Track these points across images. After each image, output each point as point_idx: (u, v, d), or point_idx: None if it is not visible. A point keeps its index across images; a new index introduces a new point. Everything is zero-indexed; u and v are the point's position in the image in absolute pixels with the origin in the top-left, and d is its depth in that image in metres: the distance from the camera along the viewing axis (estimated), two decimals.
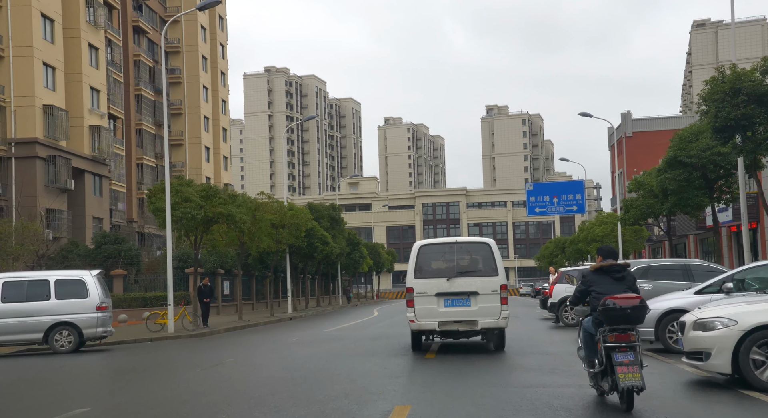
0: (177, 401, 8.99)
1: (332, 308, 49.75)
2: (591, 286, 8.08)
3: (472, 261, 13.87)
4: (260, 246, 31.67)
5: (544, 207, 54.47)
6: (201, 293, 25.82)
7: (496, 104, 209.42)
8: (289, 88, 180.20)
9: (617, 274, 8.04)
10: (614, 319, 7.51)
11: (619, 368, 7.38)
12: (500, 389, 9.21)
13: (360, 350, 14.22)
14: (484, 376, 10.40)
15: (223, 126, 72.36)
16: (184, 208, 22.67)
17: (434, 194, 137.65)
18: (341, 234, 50.09)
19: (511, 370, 11.06)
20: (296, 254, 40.51)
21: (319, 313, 41.35)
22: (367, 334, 19.36)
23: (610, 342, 7.55)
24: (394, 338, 17.70)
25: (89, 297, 16.91)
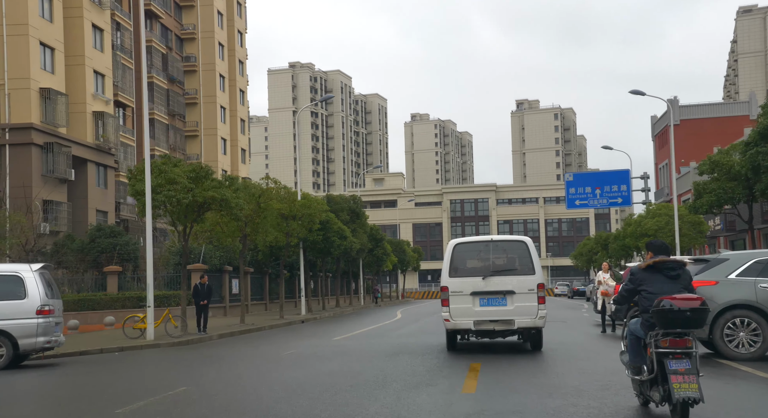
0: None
1: (352, 309, 46.01)
2: (641, 284, 7.25)
3: (509, 260, 13.58)
4: (266, 239, 27.99)
5: (585, 199, 50.31)
6: (197, 293, 22.23)
7: (526, 98, 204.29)
8: (313, 84, 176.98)
9: (672, 272, 7.19)
10: (670, 322, 6.74)
11: (674, 377, 6.61)
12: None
13: (366, 376, 10.42)
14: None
15: (241, 117, 69.01)
16: (168, 190, 19.03)
17: (462, 190, 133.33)
18: (362, 228, 46.31)
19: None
20: (311, 249, 36.81)
21: (336, 315, 37.63)
22: (383, 347, 15.49)
23: (663, 348, 6.77)
24: (418, 353, 13.82)
25: (27, 298, 13.29)
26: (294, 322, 29.43)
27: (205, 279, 22.50)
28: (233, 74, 67.29)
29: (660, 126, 71.32)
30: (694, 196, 26.80)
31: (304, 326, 26.95)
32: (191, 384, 10.15)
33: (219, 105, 63.64)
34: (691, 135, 66.98)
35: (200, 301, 21.94)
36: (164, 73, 56.74)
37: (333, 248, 36.05)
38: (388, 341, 16.98)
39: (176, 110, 58.38)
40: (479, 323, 13.24)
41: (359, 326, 24.64)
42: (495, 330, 13.40)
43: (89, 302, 28.81)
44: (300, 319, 31.10)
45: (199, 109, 62.30)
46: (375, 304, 58.15)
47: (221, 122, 64.11)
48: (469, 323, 13.24)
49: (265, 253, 35.45)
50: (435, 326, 23.05)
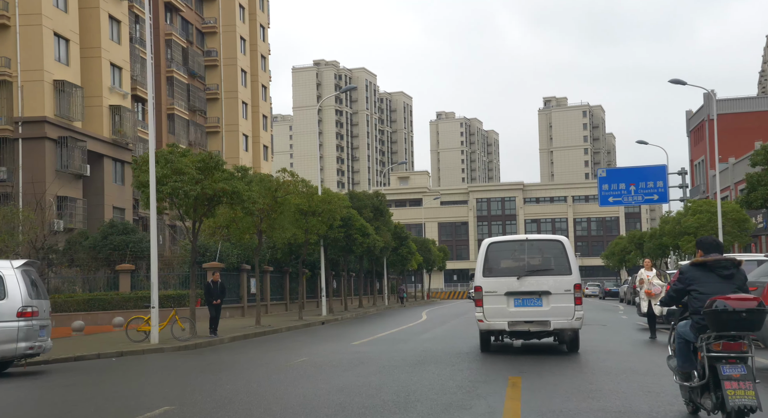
0: None
1: (376, 309, 44.37)
2: (691, 284, 6.73)
3: (544, 259, 13.31)
4: (284, 235, 26.46)
5: (619, 196, 48.18)
6: (209, 292, 20.72)
7: (554, 96, 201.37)
8: (338, 82, 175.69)
9: (725, 270, 6.63)
10: (724, 324, 6.14)
11: (727, 384, 6.02)
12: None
13: (385, 394, 8.75)
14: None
15: (263, 113, 67.71)
16: (175, 182, 17.51)
17: (489, 189, 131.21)
18: (386, 226, 44.64)
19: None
20: (333, 247, 35.24)
21: (359, 316, 36.01)
22: (407, 354, 13.79)
23: (716, 351, 6.20)
24: (447, 363, 12.14)
25: (7, 298, 11.76)
26: (313, 323, 27.86)
27: (217, 277, 20.98)
28: (255, 69, 66.01)
29: (696, 121, 68.80)
30: (748, 189, 24.75)
31: (323, 328, 25.36)
32: (176, 402, 8.55)
33: (241, 101, 62.38)
34: (729, 130, 64.38)
35: (213, 300, 20.41)
36: (184, 67, 55.53)
37: (355, 246, 34.45)
38: (413, 347, 15.29)
39: (197, 106, 57.17)
40: (514, 324, 13.01)
41: (381, 329, 22.98)
42: (530, 331, 13.16)
43: (99, 302, 27.46)
44: (320, 320, 29.54)
45: (221, 105, 61.06)
46: (400, 304, 56.51)
47: (243, 118, 62.86)
48: (503, 323, 13.03)
49: (284, 251, 33.95)
50: (464, 329, 21.33)
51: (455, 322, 26.48)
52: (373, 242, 38.36)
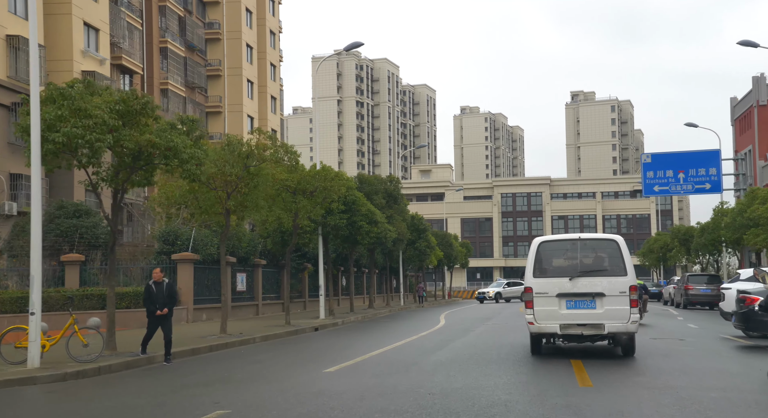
0: None
1: (389, 310, 38.66)
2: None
3: (598, 259, 12.84)
4: (259, 217, 20.96)
5: (665, 185, 42.11)
6: (149, 297, 13.75)
7: (581, 90, 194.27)
8: (359, 72, 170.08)
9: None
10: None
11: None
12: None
13: None
14: None
15: (271, 94, 62.24)
16: (74, 127, 11.94)
17: (514, 183, 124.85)
18: (400, 215, 38.93)
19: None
20: (334, 238, 29.62)
21: (366, 319, 30.39)
22: (401, 403, 8.04)
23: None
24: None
25: None
26: (303, 330, 22.24)
27: (159, 275, 13.90)
28: (263, 45, 60.53)
29: (742, 108, 62.11)
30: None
31: (309, 339, 19.70)
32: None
33: (245, 79, 56.96)
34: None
35: (154, 309, 13.62)
36: (182, 39, 50.16)
37: (360, 236, 28.76)
38: (413, 384, 9.57)
39: (196, 82, 51.80)
40: (566, 327, 12.54)
41: (381, 341, 17.26)
42: (583, 335, 12.63)
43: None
44: (315, 325, 23.91)
45: (223, 83, 55.69)
46: (418, 304, 50.78)
47: (248, 98, 57.44)
48: (555, 326, 12.58)
49: (275, 240, 28.33)
50: (494, 341, 15.71)
51: (481, 330, 20.73)
52: (384, 232, 32.66)
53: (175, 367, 12.56)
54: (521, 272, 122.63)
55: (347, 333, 21.50)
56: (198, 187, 17.69)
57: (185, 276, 24.96)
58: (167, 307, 13.59)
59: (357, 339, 18.58)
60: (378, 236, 32.00)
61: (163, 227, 26.11)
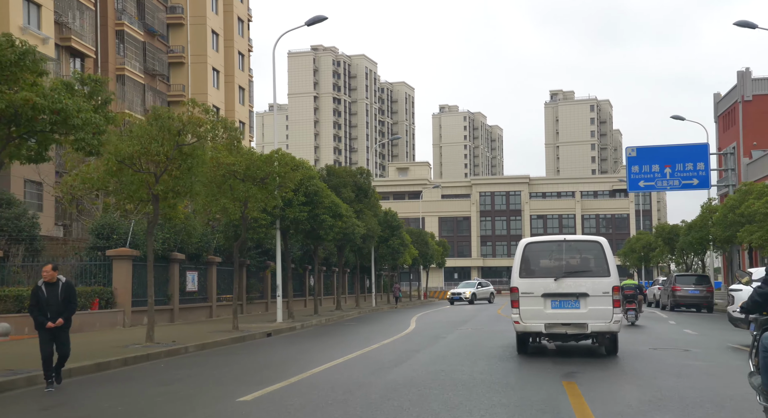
0: None
1: (358, 312, 36.01)
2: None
3: (582, 260, 13.07)
4: (211, 209, 18.25)
5: (651, 180, 39.83)
6: (38, 304, 10.47)
7: (561, 89, 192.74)
8: (336, 68, 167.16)
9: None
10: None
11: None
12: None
13: None
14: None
15: (239, 84, 59.34)
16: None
17: (493, 182, 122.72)
18: (371, 210, 36.30)
19: None
20: (295, 233, 26.91)
21: (330, 322, 27.73)
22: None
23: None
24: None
25: None
26: (253, 336, 19.52)
27: (51, 274, 10.53)
28: (230, 33, 57.62)
29: (725, 105, 60.17)
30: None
31: (253, 347, 16.98)
32: None
33: (211, 67, 54.01)
34: (766, 113, 55.82)
35: (44, 319, 10.32)
36: (141, 22, 47.14)
37: (323, 230, 26.03)
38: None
39: (157, 69, 48.79)
40: (550, 326, 12.75)
41: (334, 352, 14.59)
42: (567, 334, 12.85)
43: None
44: (267, 330, 21.20)
45: (187, 71, 52.72)
46: (394, 305, 48.15)
47: (213, 88, 54.50)
48: (540, 325, 12.80)
49: (227, 234, 25.53)
50: (467, 352, 13.14)
51: (453, 337, 18.13)
52: (351, 228, 30.00)
53: (55, 394, 9.75)
54: (499, 271, 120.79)
55: (301, 340, 18.80)
56: (120, 169, 14.93)
57: (122, 275, 22.13)
58: (63, 316, 10.36)
59: (307, 349, 15.89)
60: (344, 232, 29.33)
61: (101, 217, 23.23)
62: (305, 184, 24.99)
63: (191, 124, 15.05)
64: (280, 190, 20.66)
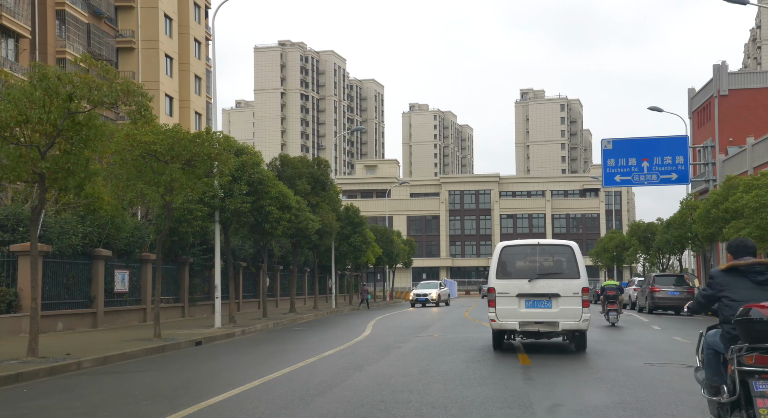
0: None
1: (314, 314, 33.19)
2: (722, 290, 6.15)
3: (555, 263, 13.90)
4: (125, 195, 15.35)
5: (628, 174, 37.58)
6: None
7: (531, 88, 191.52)
8: (304, 64, 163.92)
9: (760, 276, 6.04)
10: (758, 335, 5.40)
11: (760, 402, 5.32)
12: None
13: None
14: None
15: (195, 73, 56.13)
16: None
17: (462, 180, 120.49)
18: (330, 204, 33.50)
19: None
20: (239, 225, 24.01)
21: (277, 326, 24.90)
22: None
23: (749, 365, 5.46)
24: None
25: None
26: (177, 345, 16.64)
27: None
28: (185, 18, 54.38)
29: (700, 100, 58.35)
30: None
31: (165, 361, 14.12)
32: None
33: (163, 53, 50.78)
34: (746, 108, 54.03)
35: None
36: (84, 3, 43.82)
37: (269, 224, 23.15)
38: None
39: (103, 54, 45.44)
40: (524, 324, 13.54)
41: (259, 369, 11.82)
42: (540, 331, 13.67)
43: None
44: (199, 337, 18.33)
45: (137, 57, 49.43)
46: (358, 307, 45.30)
47: (166, 75, 51.25)
48: (514, 323, 13.57)
49: (160, 228, 22.52)
50: (419, 370, 10.60)
51: (409, 347, 15.41)
52: (305, 222, 27.16)
53: None
54: (468, 272, 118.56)
55: (230, 351, 15.95)
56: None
57: (29, 273, 19.04)
58: None
59: (229, 364, 13.06)
60: (296, 226, 26.48)
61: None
62: (249, 172, 22.12)
63: (84, 86, 12.10)
64: (213, 176, 17.74)
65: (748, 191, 26.70)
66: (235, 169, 21.96)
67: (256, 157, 22.49)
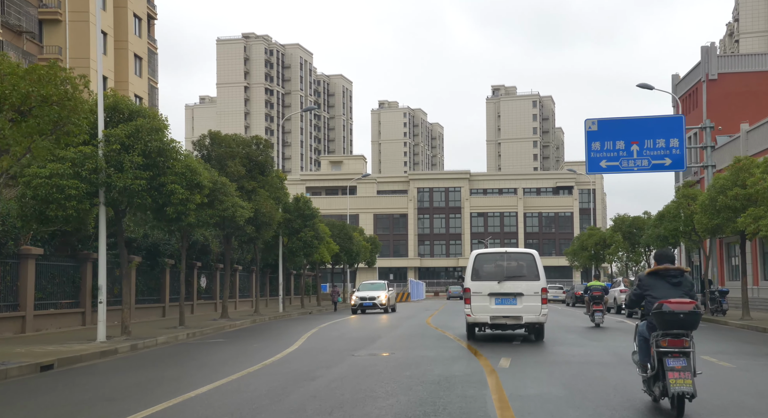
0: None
1: (251, 320, 28.01)
2: (647, 290, 7.92)
3: (519, 267, 16.40)
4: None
5: (615, 159, 33.00)
6: None
7: (503, 84, 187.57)
8: (269, 58, 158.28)
9: (674, 279, 7.84)
10: (667, 323, 7.41)
11: (671, 374, 7.28)
12: None
13: None
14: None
15: (135, 52, 50.71)
16: None
17: (431, 177, 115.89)
18: (269, 189, 28.41)
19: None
20: (133, 208, 18.86)
21: (191, 338, 19.86)
22: None
23: (663, 347, 7.46)
24: None
25: None
26: (4, 372, 11.49)
27: None
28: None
29: (686, 86, 54.22)
30: None
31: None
32: None
33: (95, 27, 45.20)
34: (736, 93, 49.91)
35: None
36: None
37: (173, 208, 17.96)
38: None
39: (23, 26, 39.99)
40: (494, 318, 16.23)
41: (103, 408, 6.67)
42: (507, 324, 16.40)
43: None
44: (55, 357, 13.21)
45: (64, 31, 43.91)
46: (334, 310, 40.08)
47: (100, 53, 45.66)
48: (486, 318, 16.27)
49: (25, 213, 17.18)
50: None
51: (334, 375, 10.51)
52: (231, 210, 22.09)
53: None
54: (437, 272, 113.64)
55: (81, 383, 10.91)
56: None
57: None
58: None
59: (49, 408, 7.98)
60: (220, 213, 21.39)
61: None
62: (144, 140, 16.95)
63: None
64: (58, 131, 12.57)
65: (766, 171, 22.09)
66: (126, 135, 16.87)
67: (155, 122, 17.37)
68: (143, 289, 28.00)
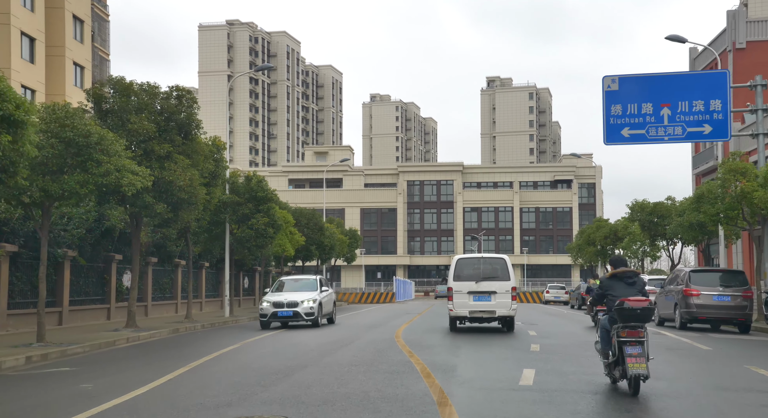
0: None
1: (170, 330, 21.02)
2: (608, 290, 9.58)
3: (493, 270, 19.56)
4: None
5: (640, 126, 26.13)
6: None
7: (498, 75, 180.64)
8: (254, 45, 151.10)
9: (629, 279, 9.51)
10: (626, 317, 9.05)
11: (629, 359, 8.87)
12: None
13: None
14: None
15: (74, 60, 43.63)
16: None
17: (422, 169, 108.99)
18: (193, 158, 21.41)
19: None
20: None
21: (84, 354, 12.76)
22: None
23: (622, 337, 9.08)
24: None
25: None
26: None
27: None
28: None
29: (707, 58, 47.28)
30: None
31: None
32: None
33: (18, 30, 38.46)
34: (763, 64, 42.86)
35: None
36: None
37: (6, 175, 10.94)
38: None
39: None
40: (472, 313, 19.27)
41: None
42: (483, 317, 19.46)
43: None
44: None
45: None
46: None
47: (22, 59, 38.57)
48: (465, 312, 19.32)
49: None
50: None
51: None
52: (115, 176, 15.13)
53: None
54: (428, 271, 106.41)
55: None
56: None
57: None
58: None
59: None
60: (95, 180, 14.44)
61: None
62: None
63: None
64: None
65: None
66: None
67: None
68: (24, 289, 20.97)
